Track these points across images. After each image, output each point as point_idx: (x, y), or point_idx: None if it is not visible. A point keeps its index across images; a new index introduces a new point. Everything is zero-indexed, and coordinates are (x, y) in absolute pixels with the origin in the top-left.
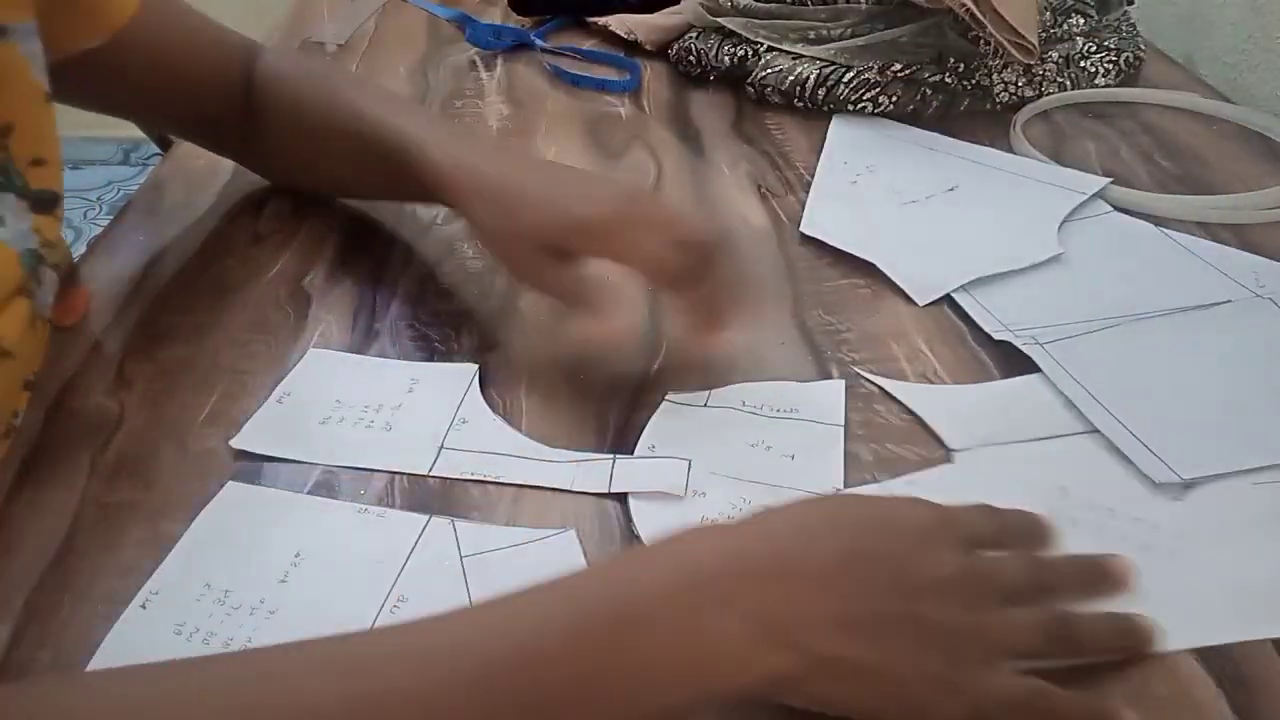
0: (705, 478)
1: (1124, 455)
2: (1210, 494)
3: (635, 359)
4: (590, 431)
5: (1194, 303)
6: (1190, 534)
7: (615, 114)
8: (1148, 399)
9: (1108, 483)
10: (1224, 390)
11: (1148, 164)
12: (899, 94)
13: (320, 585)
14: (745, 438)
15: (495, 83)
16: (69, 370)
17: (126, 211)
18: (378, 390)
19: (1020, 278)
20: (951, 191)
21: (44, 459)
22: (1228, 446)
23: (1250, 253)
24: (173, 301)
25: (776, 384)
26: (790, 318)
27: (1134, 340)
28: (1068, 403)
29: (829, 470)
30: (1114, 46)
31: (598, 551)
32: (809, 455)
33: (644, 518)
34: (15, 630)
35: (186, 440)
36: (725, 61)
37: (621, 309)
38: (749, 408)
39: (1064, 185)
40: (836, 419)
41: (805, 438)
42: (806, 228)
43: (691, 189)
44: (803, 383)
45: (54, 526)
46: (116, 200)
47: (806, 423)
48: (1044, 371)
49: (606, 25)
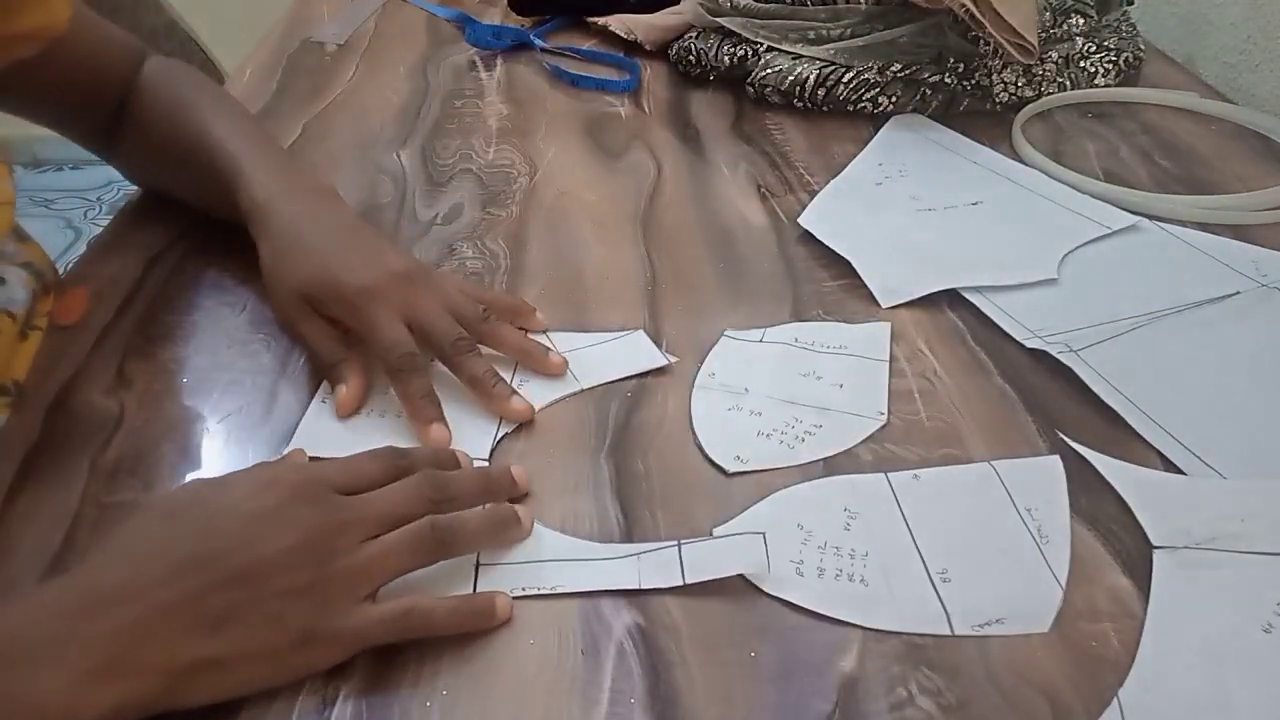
0: (761, 400)
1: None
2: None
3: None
4: (591, 433)
5: (1204, 297)
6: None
7: (615, 114)
8: (1189, 405)
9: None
10: (1263, 391)
11: (1148, 164)
12: (899, 94)
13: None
14: (797, 368)
15: (495, 83)
16: (69, 370)
17: (126, 211)
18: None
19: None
20: (974, 206)
21: (44, 459)
22: (1274, 450)
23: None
24: (173, 301)
25: (827, 324)
26: (790, 318)
27: (1159, 341)
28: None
29: (875, 398)
30: (1114, 46)
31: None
32: (856, 385)
33: (703, 425)
34: None
35: (186, 440)
36: (725, 61)
37: (356, 380)
38: (801, 344)
39: (1092, 217)
40: (882, 355)
41: (853, 371)
42: (803, 220)
43: (691, 189)
44: (852, 323)
45: (54, 526)
46: (116, 200)
47: (855, 358)
48: (1084, 380)
49: (606, 25)
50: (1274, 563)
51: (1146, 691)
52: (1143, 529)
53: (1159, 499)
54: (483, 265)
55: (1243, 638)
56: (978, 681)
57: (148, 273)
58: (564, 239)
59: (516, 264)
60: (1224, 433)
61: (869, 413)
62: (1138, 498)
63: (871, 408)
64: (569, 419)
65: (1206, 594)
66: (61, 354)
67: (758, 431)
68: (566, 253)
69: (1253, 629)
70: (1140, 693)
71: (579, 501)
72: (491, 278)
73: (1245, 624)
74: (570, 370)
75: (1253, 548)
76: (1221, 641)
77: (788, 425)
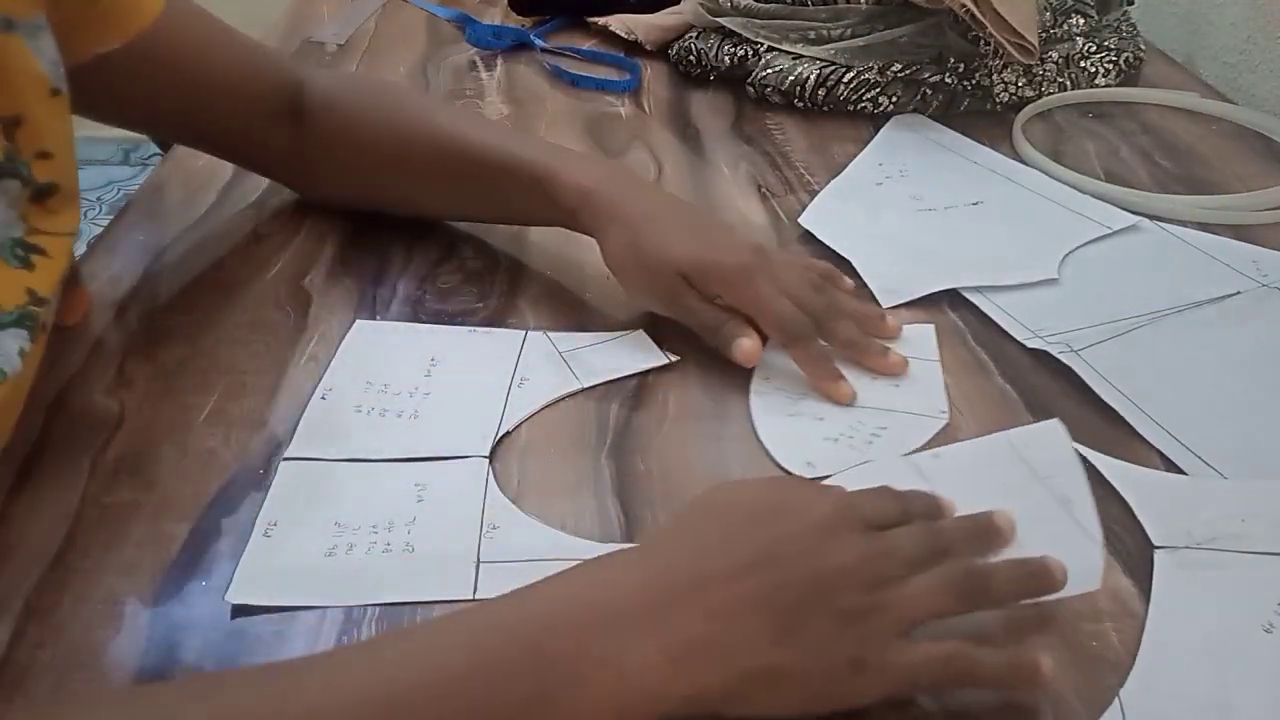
0: (820, 404)
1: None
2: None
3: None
4: (591, 433)
5: (1204, 297)
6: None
7: (615, 114)
8: (1189, 405)
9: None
10: (1263, 391)
11: (1148, 164)
12: (899, 94)
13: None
14: (850, 371)
15: (495, 83)
16: (69, 370)
17: (126, 211)
18: (382, 504)
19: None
20: (975, 206)
21: (44, 459)
22: (1274, 450)
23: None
24: (173, 301)
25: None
26: None
27: (1160, 341)
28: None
29: (934, 397)
30: (1114, 46)
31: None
32: (912, 384)
33: (769, 432)
34: (15, 630)
35: (186, 440)
36: (725, 61)
37: (749, 330)
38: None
39: (1092, 217)
40: (933, 356)
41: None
42: (804, 220)
43: (691, 189)
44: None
45: (54, 527)
46: (116, 200)
47: (908, 359)
48: (1084, 380)
49: (606, 25)
50: (1274, 563)
51: (1147, 691)
52: (1143, 529)
53: (1159, 499)
54: (483, 265)
55: (1243, 638)
56: None
57: (148, 273)
58: (564, 239)
59: (517, 264)
60: (1224, 433)
61: (931, 412)
62: (1138, 498)
63: (933, 407)
64: (569, 419)
65: (1207, 594)
66: (61, 354)
67: (824, 436)
68: (566, 252)
69: (1253, 629)
70: (1141, 693)
71: (580, 501)
72: (492, 278)
73: (1245, 624)
74: (570, 370)
75: (1253, 548)
76: (1222, 641)
77: (853, 429)
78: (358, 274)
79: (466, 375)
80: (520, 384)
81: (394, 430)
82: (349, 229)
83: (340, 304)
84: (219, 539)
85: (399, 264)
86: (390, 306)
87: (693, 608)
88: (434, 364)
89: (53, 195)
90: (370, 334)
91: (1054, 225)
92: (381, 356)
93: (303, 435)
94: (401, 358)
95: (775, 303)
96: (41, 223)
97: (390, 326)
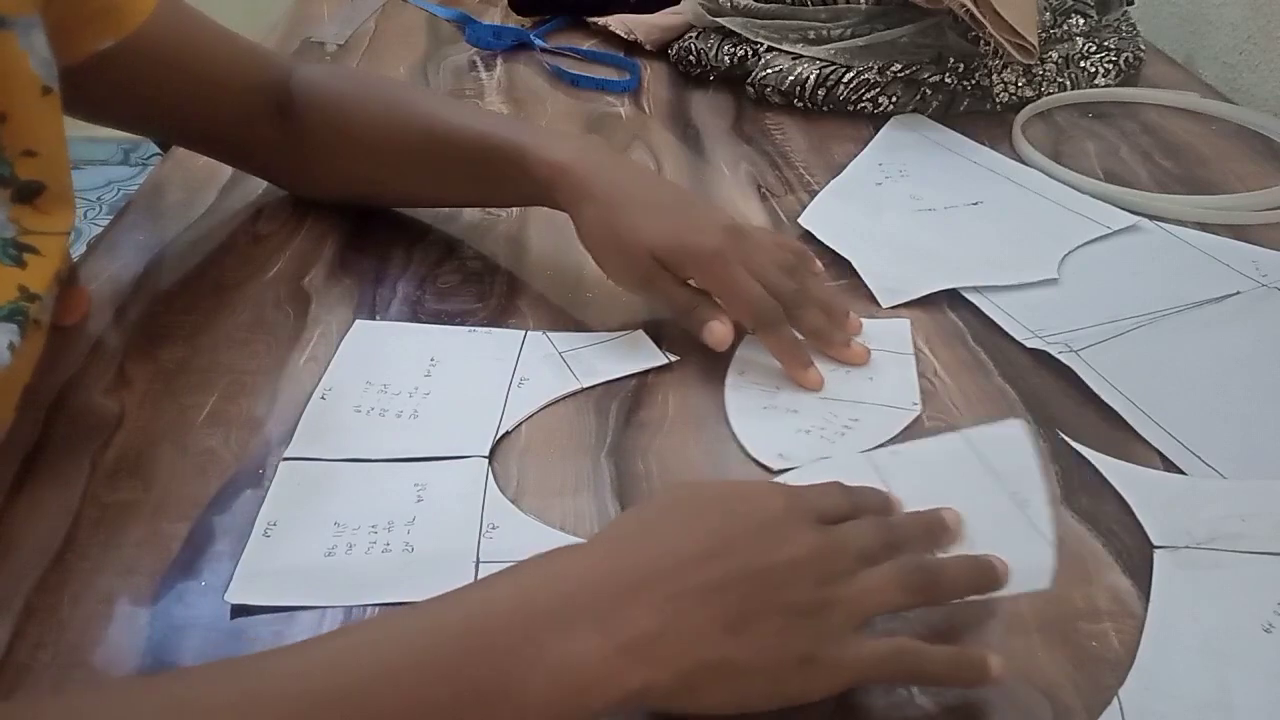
0: (794, 397)
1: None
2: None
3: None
4: (591, 433)
5: (1204, 297)
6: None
7: (615, 114)
8: (1189, 405)
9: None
10: (1263, 391)
11: (1148, 164)
12: (899, 94)
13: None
14: (824, 363)
15: (495, 83)
16: (69, 370)
17: (126, 211)
18: (380, 504)
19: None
20: (974, 206)
21: (44, 459)
22: (1274, 450)
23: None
24: (173, 301)
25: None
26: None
27: (1159, 341)
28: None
29: (906, 389)
30: (1114, 46)
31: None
32: (884, 377)
33: (743, 425)
34: (15, 630)
35: (186, 440)
36: (725, 61)
37: (721, 314)
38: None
39: (1092, 217)
40: (907, 349)
41: (880, 363)
42: (804, 220)
43: (691, 189)
44: (872, 319)
45: (54, 526)
46: (116, 200)
47: (880, 351)
48: (1084, 380)
49: (606, 25)
50: (1274, 563)
51: (1147, 691)
52: (1143, 529)
53: (1159, 499)
54: (483, 265)
55: (1243, 638)
56: None
57: (148, 273)
58: (564, 239)
59: (516, 264)
60: (1224, 433)
61: (903, 404)
62: (1138, 497)
63: (905, 399)
64: (569, 419)
65: (1206, 594)
66: (61, 354)
67: (797, 429)
68: (566, 252)
69: (1253, 629)
70: (1140, 692)
71: (579, 501)
72: (491, 278)
73: (1245, 624)
74: (570, 370)
75: (1253, 548)
76: (1221, 641)
77: (826, 421)
78: (357, 274)
79: (466, 375)
80: (520, 384)
81: (393, 430)
82: (348, 229)
83: (340, 304)
84: (218, 539)
85: (399, 264)
86: (390, 306)
87: (642, 601)
88: (433, 364)
89: (40, 194)
90: (370, 334)
91: (1054, 225)
92: (381, 356)
93: (302, 435)
94: (401, 358)
95: (746, 287)
96: (33, 223)
97: (390, 327)
